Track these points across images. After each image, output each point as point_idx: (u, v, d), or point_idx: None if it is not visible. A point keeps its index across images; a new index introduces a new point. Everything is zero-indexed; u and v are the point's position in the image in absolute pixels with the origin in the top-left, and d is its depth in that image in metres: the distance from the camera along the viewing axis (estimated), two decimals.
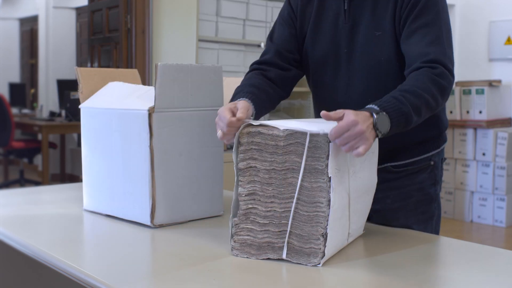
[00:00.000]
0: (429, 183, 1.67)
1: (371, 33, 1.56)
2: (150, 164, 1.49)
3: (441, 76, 1.44)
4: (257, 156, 1.24)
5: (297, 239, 1.22)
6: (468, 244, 1.48)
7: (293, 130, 1.21)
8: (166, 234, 1.43)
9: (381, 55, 1.56)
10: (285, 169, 1.23)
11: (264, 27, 3.98)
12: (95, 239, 1.51)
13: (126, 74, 1.84)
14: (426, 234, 1.57)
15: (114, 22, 4.18)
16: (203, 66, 1.57)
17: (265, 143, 1.23)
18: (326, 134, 1.18)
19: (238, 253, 1.26)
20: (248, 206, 1.25)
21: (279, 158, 1.22)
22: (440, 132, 1.67)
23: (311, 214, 1.20)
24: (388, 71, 1.56)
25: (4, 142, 6.24)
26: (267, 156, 1.23)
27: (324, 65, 1.64)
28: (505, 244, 4.66)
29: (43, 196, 2.02)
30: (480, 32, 5.69)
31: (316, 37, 1.64)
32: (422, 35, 1.49)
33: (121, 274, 1.19)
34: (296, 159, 1.21)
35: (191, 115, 1.55)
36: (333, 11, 1.62)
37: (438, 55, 1.46)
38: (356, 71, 1.59)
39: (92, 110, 1.66)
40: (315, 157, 1.20)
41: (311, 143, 1.19)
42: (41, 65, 8.00)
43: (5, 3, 9.05)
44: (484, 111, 5.20)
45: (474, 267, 1.27)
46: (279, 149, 1.22)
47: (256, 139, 1.24)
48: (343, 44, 1.60)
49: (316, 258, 1.20)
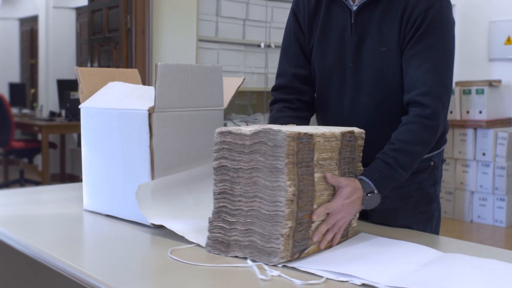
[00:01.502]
0: (428, 184, 1.68)
1: (377, 48, 1.56)
2: (150, 164, 1.49)
3: (431, 118, 1.48)
4: (227, 155, 1.27)
5: (259, 238, 1.23)
6: (468, 244, 1.48)
7: (257, 129, 1.22)
8: (166, 234, 1.43)
9: (387, 71, 1.56)
10: (251, 168, 1.24)
11: (264, 27, 3.98)
12: (95, 239, 1.51)
13: (126, 74, 1.84)
14: (425, 234, 1.57)
15: (114, 22, 4.18)
16: (203, 66, 1.57)
17: (234, 142, 1.26)
18: (285, 133, 1.19)
19: (210, 250, 1.30)
20: (220, 204, 1.28)
21: (245, 157, 1.25)
22: (441, 134, 1.67)
23: (271, 214, 1.21)
24: (394, 87, 1.56)
25: (4, 142, 6.25)
26: (236, 155, 1.26)
27: (330, 78, 1.64)
28: (505, 244, 4.66)
29: (43, 196, 2.02)
30: (480, 32, 5.69)
31: (323, 50, 1.64)
32: (422, 60, 1.50)
33: (121, 274, 1.19)
34: (260, 158, 1.23)
35: (191, 115, 1.55)
36: (340, 24, 1.61)
37: (433, 86, 1.49)
38: (362, 86, 1.59)
39: (92, 110, 1.66)
40: (275, 156, 1.21)
41: (272, 142, 1.21)
42: (41, 65, 8.00)
43: (5, 3, 9.05)
44: (484, 111, 5.20)
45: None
46: (246, 148, 1.24)
47: (227, 138, 1.27)
48: (349, 57, 1.60)
49: (275, 258, 1.21)
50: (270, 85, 4.01)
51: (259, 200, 1.23)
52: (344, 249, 1.34)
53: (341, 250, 1.33)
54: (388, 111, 1.58)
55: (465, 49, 5.65)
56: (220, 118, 1.62)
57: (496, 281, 1.15)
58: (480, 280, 1.15)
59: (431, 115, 1.49)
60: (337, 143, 1.34)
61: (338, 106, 1.64)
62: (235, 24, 3.86)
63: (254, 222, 1.24)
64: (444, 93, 1.51)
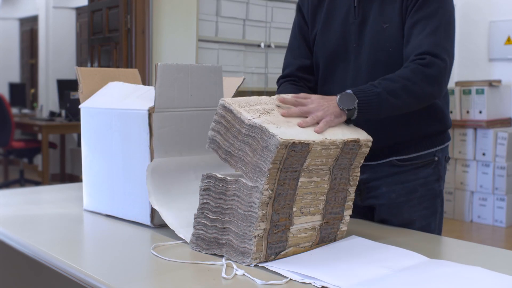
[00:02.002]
0: (433, 179, 1.68)
1: (379, 25, 1.59)
2: None
3: (428, 65, 1.48)
4: (222, 132, 1.26)
5: (235, 237, 1.23)
6: (468, 244, 1.48)
7: (255, 123, 1.21)
8: (166, 234, 1.43)
9: (389, 46, 1.58)
10: (238, 157, 1.23)
11: (264, 27, 3.98)
12: (95, 239, 1.51)
13: (126, 74, 1.84)
14: (425, 234, 1.57)
15: (114, 22, 4.18)
16: (203, 66, 1.57)
17: (232, 123, 1.24)
18: (278, 140, 1.16)
19: (194, 246, 1.31)
20: (203, 201, 1.29)
21: (237, 144, 1.23)
22: (445, 128, 1.69)
23: (246, 214, 1.21)
24: (395, 63, 1.57)
25: (4, 142, 6.25)
26: (230, 136, 1.25)
27: (334, 62, 1.67)
28: (505, 244, 4.66)
29: (43, 196, 2.02)
30: (480, 32, 5.69)
31: (327, 36, 1.67)
32: (422, 27, 1.52)
33: (121, 274, 1.19)
34: (248, 152, 1.21)
35: (191, 115, 1.55)
36: (343, 8, 1.65)
37: (431, 46, 1.50)
38: (363, 64, 1.61)
39: (92, 110, 1.66)
40: (263, 157, 1.19)
41: (264, 142, 1.19)
42: (41, 65, 8.00)
43: (5, 3, 9.05)
44: (484, 111, 5.20)
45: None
46: (240, 135, 1.23)
47: (227, 115, 1.26)
48: (353, 39, 1.63)
49: (248, 258, 1.21)
50: (270, 85, 4.01)
51: (237, 199, 1.23)
52: (324, 251, 1.32)
53: (321, 252, 1.31)
54: None
55: (465, 49, 5.65)
56: None
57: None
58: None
59: (427, 63, 1.48)
60: (336, 150, 1.30)
61: (340, 90, 1.64)
62: (235, 24, 3.86)
63: (231, 221, 1.24)
64: (443, 52, 1.50)
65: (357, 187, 1.63)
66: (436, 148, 1.68)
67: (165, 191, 1.46)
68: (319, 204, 1.31)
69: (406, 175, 1.65)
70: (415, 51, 1.51)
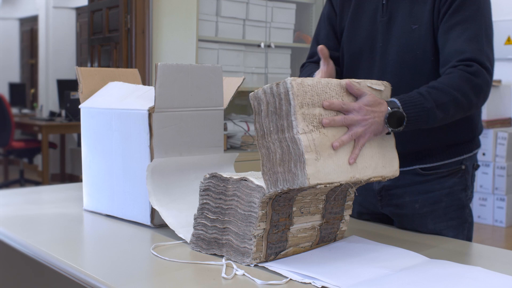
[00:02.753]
0: (459, 188, 1.59)
1: (408, 26, 1.52)
2: None
3: (476, 74, 1.40)
4: (266, 112, 1.18)
5: (235, 237, 1.23)
6: (468, 244, 1.48)
7: (299, 143, 1.12)
8: (166, 234, 1.43)
9: (416, 48, 1.51)
10: (267, 147, 1.18)
11: (264, 27, 3.98)
12: (95, 239, 1.51)
13: (126, 74, 1.84)
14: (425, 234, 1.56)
15: (114, 22, 4.17)
16: (203, 66, 1.57)
17: (280, 113, 1.15)
18: (305, 181, 1.12)
19: (193, 247, 1.31)
20: (203, 201, 1.29)
21: (274, 136, 1.17)
22: (473, 135, 1.60)
23: (246, 214, 1.21)
24: (422, 66, 1.52)
25: (4, 142, 6.25)
26: (272, 123, 1.17)
27: (359, 60, 1.62)
28: (505, 244, 4.66)
29: (43, 196, 2.02)
30: None
31: (354, 32, 1.63)
32: (461, 31, 1.45)
33: (121, 274, 1.19)
34: (277, 155, 1.17)
35: (191, 115, 1.55)
36: (371, 5, 1.60)
37: (475, 53, 1.42)
38: (389, 65, 1.56)
39: (92, 110, 1.67)
40: (284, 169, 1.15)
41: (295, 169, 1.13)
42: (41, 65, 8.01)
43: (5, 3, 9.05)
44: (484, 111, 5.20)
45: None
46: (280, 133, 1.16)
47: (284, 102, 1.15)
48: (379, 38, 1.57)
49: (248, 258, 1.21)
50: None
51: (237, 199, 1.23)
52: (324, 251, 1.32)
53: (321, 252, 1.31)
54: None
55: None
56: (220, 118, 1.62)
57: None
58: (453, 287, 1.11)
59: (475, 72, 1.39)
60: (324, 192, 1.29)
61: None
62: (235, 24, 3.86)
63: (231, 221, 1.24)
64: (486, 60, 1.42)
65: (378, 193, 1.62)
66: (463, 156, 1.58)
67: (165, 191, 1.46)
68: (319, 203, 1.31)
69: (431, 185, 1.57)
70: (457, 56, 1.42)
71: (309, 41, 4.12)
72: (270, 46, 3.97)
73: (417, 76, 1.52)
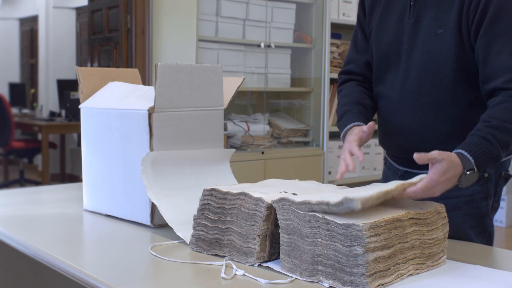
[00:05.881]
0: (480, 197, 1.56)
1: (433, 30, 1.50)
2: None
3: None
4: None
5: (238, 237, 1.23)
6: (468, 244, 1.48)
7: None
8: (166, 234, 1.43)
9: (439, 54, 1.49)
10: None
11: (264, 27, 3.97)
12: (95, 239, 1.51)
13: (126, 74, 1.84)
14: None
15: (114, 22, 4.17)
16: (203, 66, 1.57)
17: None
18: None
19: (194, 247, 1.31)
20: (204, 202, 1.28)
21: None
22: None
23: (250, 213, 1.21)
24: (443, 71, 1.50)
25: (4, 142, 6.25)
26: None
27: (386, 62, 1.61)
28: (505, 244, 4.66)
29: (43, 196, 2.02)
30: None
31: (381, 33, 1.62)
32: (501, 44, 1.42)
33: (121, 274, 1.19)
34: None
35: (191, 115, 1.55)
36: (400, 6, 1.58)
37: None
38: (412, 69, 1.54)
39: (92, 110, 1.67)
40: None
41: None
42: (41, 65, 8.01)
43: (5, 3, 9.05)
44: None
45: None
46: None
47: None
48: (405, 40, 1.56)
49: (252, 258, 1.20)
50: (270, 85, 4.01)
51: (243, 197, 1.22)
52: None
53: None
54: (436, 100, 1.51)
55: None
56: (220, 118, 1.62)
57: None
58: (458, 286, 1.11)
59: None
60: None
61: (389, 92, 1.59)
62: (235, 24, 3.86)
63: (234, 221, 1.24)
64: None
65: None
66: None
67: (162, 185, 1.46)
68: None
69: (450, 191, 1.48)
70: (503, 74, 1.40)
71: (309, 41, 4.12)
72: (270, 46, 3.97)
73: (437, 81, 1.51)
